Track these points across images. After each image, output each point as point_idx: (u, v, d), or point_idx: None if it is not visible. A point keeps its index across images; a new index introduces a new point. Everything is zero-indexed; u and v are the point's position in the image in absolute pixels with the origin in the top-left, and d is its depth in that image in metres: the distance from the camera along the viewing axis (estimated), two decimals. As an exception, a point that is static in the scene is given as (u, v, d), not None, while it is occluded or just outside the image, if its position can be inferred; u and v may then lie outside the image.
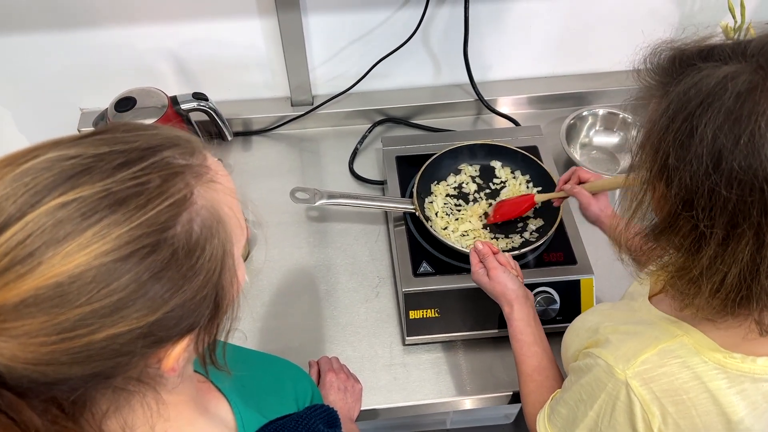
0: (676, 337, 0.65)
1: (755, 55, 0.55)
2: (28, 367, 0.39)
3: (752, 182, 0.52)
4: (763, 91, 0.52)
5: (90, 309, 0.39)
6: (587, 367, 0.70)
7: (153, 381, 0.47)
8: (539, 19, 1.33)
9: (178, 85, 1.35)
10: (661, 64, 0.61)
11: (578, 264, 1.07)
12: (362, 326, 1.10)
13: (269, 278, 1.16)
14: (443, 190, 1.18)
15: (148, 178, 0.42)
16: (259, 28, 1.26)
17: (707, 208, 0.55)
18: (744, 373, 0.62)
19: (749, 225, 0.53)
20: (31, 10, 1.17)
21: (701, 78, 0.55)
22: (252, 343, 1.08)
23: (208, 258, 0.44)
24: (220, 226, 0.46)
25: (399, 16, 1.28)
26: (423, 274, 1.06)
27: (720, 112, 0.53)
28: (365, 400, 1.00)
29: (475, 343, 1.07)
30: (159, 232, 0.41)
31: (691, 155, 0.55)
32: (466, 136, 1.29)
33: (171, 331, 0.43)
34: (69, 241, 0.39)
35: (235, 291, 0.49)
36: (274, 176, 1.33)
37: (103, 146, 0.42)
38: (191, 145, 0.47)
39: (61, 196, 0.39)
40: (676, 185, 0.57)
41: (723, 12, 1.27)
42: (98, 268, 0.39)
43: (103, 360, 0.41)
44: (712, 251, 0.56)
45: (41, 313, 0.38)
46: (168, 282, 0.42)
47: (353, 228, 1.24)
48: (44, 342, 0.38)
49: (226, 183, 0.48)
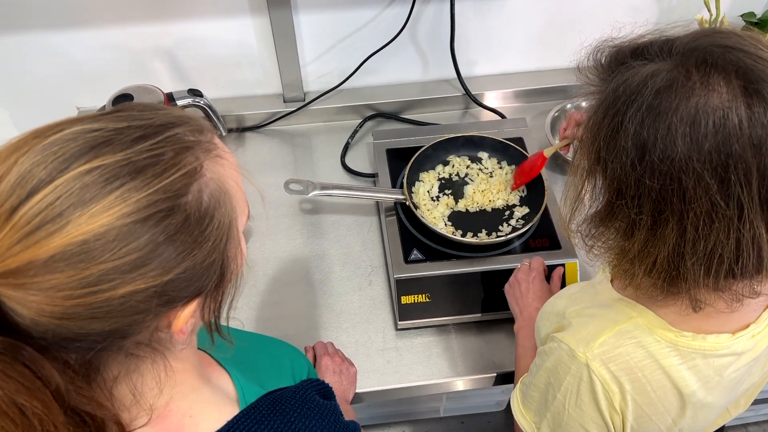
0: (632, 318, 0.69)
1: (678, 53, 0.58)
2: (52, 321, 0.43)
3: (671, 172, 0.56)
4: (680, 87, 0.55)
5: (112, 265, 0.43)
6: (550, 350, 0.73)
7: (162, 346, 0.51)
8: (524, 15, 1.37)
9: (173, 83, 1.38)
10: (601, 63, 0.65)
11: (563, 249, 1.11)
12: (356, 313, 1.14)
13: (265, 269, 1.20)
14: (432, 179, 1.22)
15: (163, 151, 0.46)
16: (251, 26, 1.30)
17: (635, 197, 0.59)
18: (695, 350, 0.66)
19: (672, 212, 0.57)
20: (26, 11, 1.20)
21: (629, 76, 0.59)
22: (249, 330, 1.12)
23: (216, 226, 0.48)
24: (227, 197, 0.50)
25: (387, 13, 1.31)
26: (414, 260, 1.10)
27: (642, 108, 0.57)
28: (360, 382, 1.03)
29: (464, 327, 1.11)
30: (173, 198, 0.45)
31: (619, 149, 0.59)
32: (454, 129, 1.33)
33: (182, 292, 0.47)
34: (94, 203, 0.43)
35: (239, 261, 0.53)
36: (268, 171, 1.36)
37: (122, 122, 0.47)
38: (200, 124, 0.52)
39: (86, 164, 0.43)
40: (609, 176, 0.61)
41: (699, 6, 1.32)
42: (120, 228, 0.43)
43: (121, 317, 0.45)
44: (643, 236, 0.61)
45: (69, 267, 0.42)
46: (181, 245, 0.46)
47: (346, 219, 1.27)
48: (69, 295, 0.42)
49: (230, 159, 0.53)
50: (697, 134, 0.54)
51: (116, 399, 0.51)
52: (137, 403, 0.52)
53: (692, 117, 0.55)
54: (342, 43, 1.37)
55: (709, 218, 0.56)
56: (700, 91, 0.55)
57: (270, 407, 0.59)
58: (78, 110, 1.39)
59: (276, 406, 0.60)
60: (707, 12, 1.27)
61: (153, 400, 0.53)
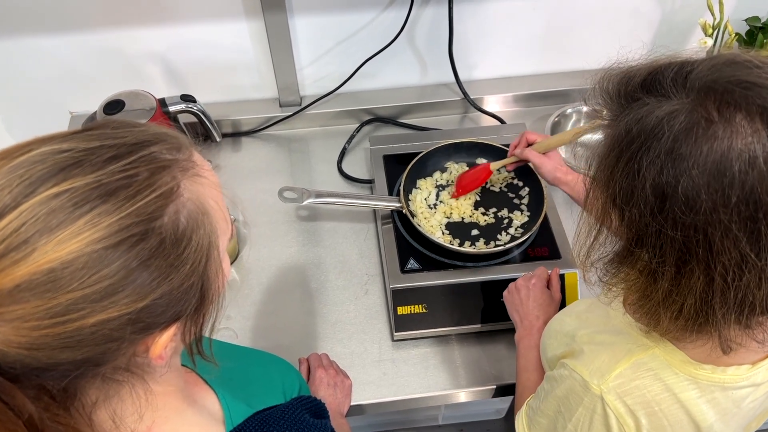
0: (649, 349, 0.66)
1: (694, 89, 0.54)
2: (20, 351, 0.40)
3: (695, 224, 0.52)
4: (701, 132, 0.51)
5: (81, 294, 0.41)
6: (561, 378, 0.71)
7: (141, 370, 0.49)
8: (523, 18, 1.35)
9: (167, 88, 1.36)
10: (609, 93, 0.60)
11: (562, 258, 1.09)
12: (352, 323, 1.12)
13: (259, 277, 1.18)
14: (430, 186, 1.20)
15: (137, 171, 0.44)
16: (246, 30, 1.28)
17: (657, 246, 0.56)
18: (714, 383, 0.64)
19: (697, 262, 0.54)
20: (19, 14, 1.18)
21: (642, 116, 0.55)
22: (243, 341, 1.10)
23: (194, 248, 0.46)
24: (206, 218, 0.48)
25: (384, 16, 1.29)
26: (410, 270, 1.08)
27: (660, 154, 0.53)
28: (355, 395, 1.01)
29: (462, 338, 1.09)
30: (147, 221, 0.43)
31: (637, 196, 0.55)
32: (453, 134, 1.31)
33: (159, 318, 0.45)
34: (62, 229, 0.40)
35: (221, 283, 0.51)
36: (264, 176, 1.34)
37: (94, 141, 0.45)
38: (178, 141, 0.49)
39: (54, 187, 0.41)
40: (627, 223, 0.58)
41: (702, 9, 1.29)
42: (89, 254, 0.41)
43: (94, 345, 0.42)
44: (666, 285, 0.57)
45: (35, 297, 0.40)
46: (156, 270, 0.43)
47: (342, 226, 1.25)
48: (37, 326, 0.40)
49: (211, 177, 0.50)
50: (722, 184, 0.50)
51: (96, 425, 0.49)
52: (117, 428, 0.50)
53: (716, 166, 0.51)
54: (339, 47, 1.35)
55: (738, 269, 0.52)
56: (723, 135, 0.51)
57: (257, 429, 0.57)
58: (71, 114, 1.38)
59: (264, 428, 0.58)
60: (710, 16, 1.25)
61: (134, 425, 0.51)
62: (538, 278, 1.00)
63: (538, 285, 0.99)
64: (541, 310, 0.96)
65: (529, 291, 0.98)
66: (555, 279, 1.02)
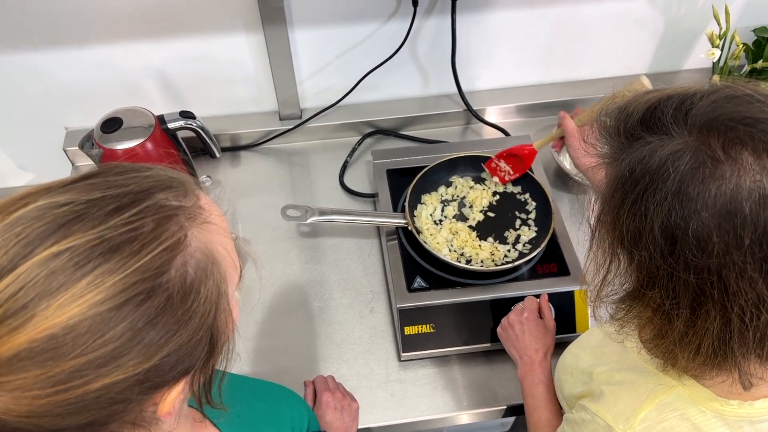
0: (672, 388, 0.64)
1: (696, 126, 0.52)
2: (21, 419, 0.38)
3: (708, 267, 0.51)
4: (708, 173, 0.50)
5: (85, 360, 0.38)
6: (584, 422, 0.69)
7: (149, 424, 0.46)
8: (526, 29, 1.33)
9: (165, 102, 1.33)
10: (609, 130, 0.59)
11: (571, 275, 1.07)
12: (357, 343, 1.09)
13: (261, 296, 1.15)
14: (435, 201, 1.18)
15: (142, 223, 0.41)
16: (245, 43, 1.25)
17: (669, 288, 0.54)
18: (742, 417, 0.62)
19: (713, 304, 0.52)
20: (15, 30, 1.15)
21: (645, 155, 0.54)
22: (246, 363, 1.07)
23: (203, 300, 0.44)
24: (215, 267, 0.45)
25: (386, 28, 1.27)
26: (417, 289, 1.06)
27: (667, 197, 0.51)
28: (362, 418, 0.99)
29: (471, 357, 1.06)
30: (154, 277, 0.40)
31: (646, 239, 0.53)
32: (456, 146, 1.29)
33: (167, 375, 0.43)
34: (62, 292, 0.38)
35: (230, 330, 0.49)
36: (264, 192, 1.32)
37: (94, 191, 0.42)
38: (184, 186, 0.46)
39: (53, 246, 0.39)
40: (637, 265, 0.56)
41: (708, 18, 1.28)
42: (93, 318, 0.38)
43: (99, 409, 0.40)
44: (681, 326, 0.56)
45: (35, 366, 0.37)
46: (163, 327, 0.41)
47: (345, 243, 1.23)
48: (38, 395, 0.38)
49: (219, 222, 0.48)
50: (734, 225, 0.49)
51: None
52: None
53: (726, 207, 0.49)
54: (340, 59, 1.32)
55: (756, 309, 0.51)
56: (731, 175, 0.49)
57: (269, 470, 0.55)
58: (66, 130, 1.34)
59: (275, 469, 0.55)
60: (716, 25, 1.23)
61: None
62: (530, 311, 0.98)
63: (531, 317, 0.97)
64: (539, 343, 0.94)
65: (523, 325, 0.96)
66: (546, 307, 1.00)
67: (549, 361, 0.93)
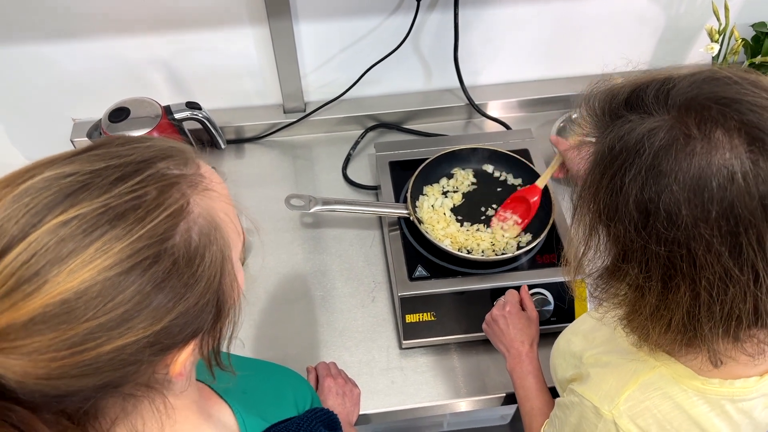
0: (654, 368, 0.66)
1: (675, 106, 0.54)
2: (39, 382, 0.40)
3: (678, 239, 0.53)
4: (680, 148, 0.52)
5: (97, 323, 0.40)
6: (572, 405, 0.71)
7: (161, 386, 0.48)
8: (528, 24, 1.35)
9: (170, 94, 1.35)
10: (595, 111, 0.61)
11: (571, 265, 1.08)
12: (359, 331, 1.11)
13: (265, 285, 1.17)
14: (437, 192, 1.19)
15: (145, 191, 0.43)
16: (250, 36, 1.27)
17: (642, 261, 0.56)
18: (723, 396, 0.64)
19: (682, 278, 0.54)
20: (22, 21, 1.17)
21: (625, 133, 0.55)
22: (249, 350, 1.09)
23: (207, 265, 0.45)
24: (218, 232, 0.47)
25: (390, 22, 1.29)
26: (418, 278, 1.07)
27: (641, 171, 0.53)
28: (363, 404, 1.00)
29: (471, 346, 1.08)
30: (159, 243, 0.42)
31: (621, 212, 0.55)
32: (458, 140, 1.30)
33: (176, 337, 0.44)
34: (72, 258, 0.39)
35: (236, 294, 0.50)
36: (268, 183, 1.33)
37: (98, 162, 0.43)
38: (184, 155, 0.48)
39: (61, 215, 0.40)
40: (613, 238, 0.58)
41: (708, 14, 1.29)
42: (102, 282, 0.40)
43: (112, 370, 0.42)
44: (654, 300, 0.57)
45: (50, 329, 0.39)
46: (171, 291, 0.43)
47: (348, 233, 1.24)
48: (54, 357, 0.39)
49: (220, 190, 0.49)
50: (702, 200, 0.51)
51: None
52: None
53: (696, 181, 0.51)
54: (344, 53, 1.34)
55: (723, 284, 0.53)
56: (702, 151, 0.51)
57: (273, 442, 0.57)
58: (73, 122, 1.36)
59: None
60: (716, 21, 1.24)
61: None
62: (512, 304, 0.99)
63: (514, 311, 0.98)
64: (524, 335, 0.95)
65: (507, 319, 0.98)
66: (526, 298, 1.02)
67: (536, 351, 0.95)
